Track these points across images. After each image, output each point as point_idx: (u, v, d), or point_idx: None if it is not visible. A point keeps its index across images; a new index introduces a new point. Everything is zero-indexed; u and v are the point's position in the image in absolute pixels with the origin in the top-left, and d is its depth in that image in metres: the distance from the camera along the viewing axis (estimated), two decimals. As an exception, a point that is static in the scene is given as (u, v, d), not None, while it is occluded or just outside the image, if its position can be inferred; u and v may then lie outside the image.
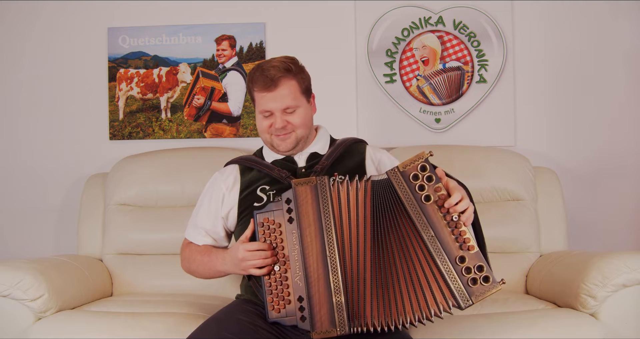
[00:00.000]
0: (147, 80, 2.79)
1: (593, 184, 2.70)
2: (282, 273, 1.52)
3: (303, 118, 1.76)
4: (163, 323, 1.86)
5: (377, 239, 1.51)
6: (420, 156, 1.50)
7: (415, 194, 1.48)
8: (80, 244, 2.48)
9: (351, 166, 1.79)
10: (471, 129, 2.72)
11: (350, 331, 1.46)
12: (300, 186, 1.52)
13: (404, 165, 1.51)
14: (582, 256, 2.04)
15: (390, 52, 2.75)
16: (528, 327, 1.80)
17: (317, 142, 1.85)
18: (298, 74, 1.74)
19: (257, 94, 1.74)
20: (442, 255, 1.44)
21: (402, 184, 1.49)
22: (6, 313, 1.89)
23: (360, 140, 1.91)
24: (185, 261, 1.85)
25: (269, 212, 1.54)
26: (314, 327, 1.46)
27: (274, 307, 1.52)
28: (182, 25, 2.79)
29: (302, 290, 1.48)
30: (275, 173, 1.76)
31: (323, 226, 1.49)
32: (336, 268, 1.47)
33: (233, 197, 1.80)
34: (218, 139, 2.77)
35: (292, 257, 1.50)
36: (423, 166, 1.49)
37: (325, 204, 1.50)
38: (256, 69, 1.73)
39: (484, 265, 1.44)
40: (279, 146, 1.78)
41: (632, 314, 1.84)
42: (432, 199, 1.47)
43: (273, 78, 1.69)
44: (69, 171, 2.77)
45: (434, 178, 1.48)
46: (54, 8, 2.79)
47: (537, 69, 2.73)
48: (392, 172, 1.51)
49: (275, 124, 1.73)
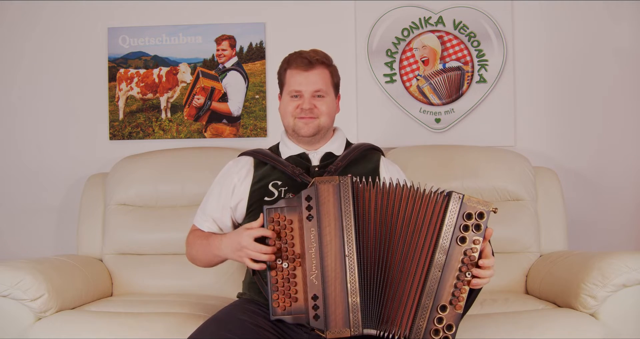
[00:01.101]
0: (147, 80, 2.79)
1: (593, 184, 2.70)
2: (291, 270, 1.51)
3: (329, 107, 1.80)
4: (163, 323, 1.86)
5: (390, 242, 1.51)
6: (487, 204, 1.47)
7: (456, 230, 1.46)
8: (80, 244, 2.48)
9: (365, 171, 1.79)
10: (471, 129, 2.72)
11: (363, 332, 1.46)
12: (323, 184, 1.51)
13: (468, 198, 1.47)
14: (582, 256, 2.05)
15: (390, 52, 2.75)
16: (528, 327, 1.80)
17: (333, 142, 1.86)
18: (332, 66, 1.84)
19: (290, 72, 1.79)
20: (432, 293, 1.45)
21: (454, 212, 1.46)
22: (6, 313, 1.89)
23: (376, 148, 1.92)
24: (188, 246, 1.86)
25: (280, 209, 1.53)
26: (328, 326, 1.46)
27: (279, 304, 1.51)
28: (182, 25, 2.79)
29: (317, 289, 1.48)
30: (289, 170, 1.76)
31: (343, 226, 1.49)
32: (354, 268, 1.47)
33: (244, 189, 1.81)
34: (218, 139, 2.77)
35: (309, 255, 1.49)
36: (481, 214, 1.46)
37: (346, 204, 1.50)
38: (294, 53, 1.82)
39: (454, 327, 1.45)
40: (301, 130, 1.79)
41: (632, 314, 1.84)
42: (465, 245, 1.46)
43: (311, 60, 1.77)
44: (69, 171, 2.77)
45: (482, 230, 1.46)
46: (54, 8, 2.80)
47: (537, 69, 2.73)
48: (456, 196, 1.47)
49: (303, 105, 1.77)
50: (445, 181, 2.37)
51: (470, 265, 1.45)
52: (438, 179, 2.36)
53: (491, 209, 1.46)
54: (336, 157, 1.82)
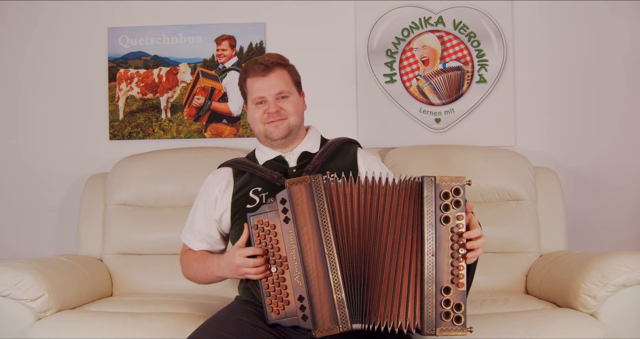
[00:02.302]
0: (147, 80, 2.79)
1: (593, 184, 2.70)
2: (280, 274, 1.52)
3: (295, 106, 1.81)
4: (163, 323, 1.86)
5: (374, 236, 1.50)
6: (460, 178, 1.48)
7: (437, 211, 1.46)
8: (80, 244, 2.48)
9: (343, 165, 1.79)
10: (471, 129, 2.72)
11: (352, 327, 1.46)
12: (295, 185, 1.52)
13: (441, 178, 1.47)
14: (582, 256, 2.05)
15: (390, 52, 2.75)
16: (528, 327, 1.80)
17: (307, 141, 1.86)
18: (289, 66, 1.84)
19: (250, 81, 1.80)
20: (432, 278, 1.44)
21: (430, 195, 1.47)
22: (6, 313, 1.89)
23: (352, 140, 1.92)
24: (184, 267, 1.87)
25: (262, 214, 1.54)
26: (316, 325, 1.46)
27: (273, 309, 1.51)
28: (182, 25, 2.79)
29: (302, 289, 1.48)
30: (267, 175, 1.76)
31: (320, 224, 1.49)
32: (335, 265, 1.47)
33: (226, 200, 1.81)
34: (218, 139, 2.77)
35: (290, 257, 1.50)
36: (457, 189, 1.46)
37: (320, 202, 1.50)
38: (249, 61, 1.85)
39: (462, 305, 1.44)
40: (272, 134, 1.79)
41: (632, 314, 1.84)
42: (449, 224, 1.46)
43: (267, 64, 1.78)
44: (69, 171, 2.77)
45: (461, 205, 1.46)
46: (54, 8, 2.79)
47: (537, 69, 2.73)
48: (428, 179, 1.48)
49: (269, 109, 1.78)
50: (445, 181, 2.37)
51: (460, 242, 1.46)
52: (438, 179, 2.36)
53: (465, 183, 1.47)
54: (313, 156, 1.81)
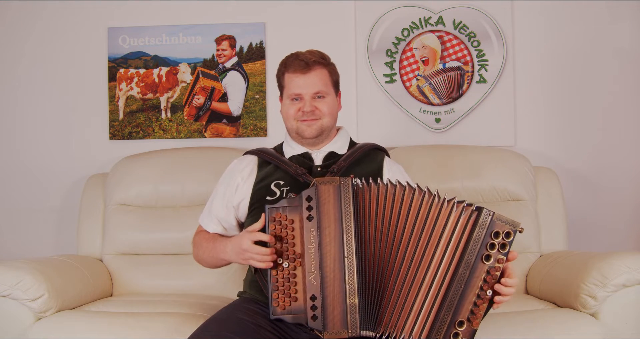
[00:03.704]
0: (147, 80, 2.79)
1: (593, 184, 2.70)
2: (291, 270, 1.51)
3: (330, 107, 1.80)
4: (163, 323, 1.86)
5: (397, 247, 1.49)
6: (515, 223, 1.44)
7: (482, 247, 1.43)
8: (80, 244, 2.48)
9: (368, 171, 1.78)
10: (471, 129, 2.72)
11: (360, 334, 1.46)
12: (324, 184, 1.51)
13: (498, 216, 1.44)
14: (582, 256, 2.05)
15: (390, 52, 2.75)
16: (528, 327, 1.80)
17: (336, 141, 1.86)
18: (330, 65, 1.83)
19: (289, 76, 1.79)
20: (451, 307, 1.42)
21: (483, 228, 1.43)
22: (6, 313, 1.89)
23: (381, 148, 1.91)
24: (194, 246, 1.87)
25: (281, 208, 1.53)
26: (326, 327, 1.46)
27: (278, 303, 1.51)
28: (182, 25, 2.79)
29: (316, 289, 1.48)
30: (292, 169, 1.76)
31: (343, 227, 1.48)
32: (352, 270, 1.47)
33: (247, 188, 1.81)
34: (218, 139, 2.77)
35: (308, 255, 1.49)
36: (508, 233, 1.43)
37: (347, 205, 1.49)
38: (291, 55, 1.80)
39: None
40: (304, 132, 1.79)
41: (632, 314, 1.84)
42: (489, 263, 1.43)
43: (308, 62, 1.76)
44: (69, 171, 2.77)
45: (507, 249, 1.44)
46: (54, 8, 2.80)
47: (537, 68, 2.73)
48: (487, 212, 1.44)
49: (304, 107, 1.77)
50: (445, 181, 2.37)
51: (491, 284, 1.43)
52: (438, 179, 2.36)
53: (519, 229, 1.44)
54: (339, 157, 1.81)
